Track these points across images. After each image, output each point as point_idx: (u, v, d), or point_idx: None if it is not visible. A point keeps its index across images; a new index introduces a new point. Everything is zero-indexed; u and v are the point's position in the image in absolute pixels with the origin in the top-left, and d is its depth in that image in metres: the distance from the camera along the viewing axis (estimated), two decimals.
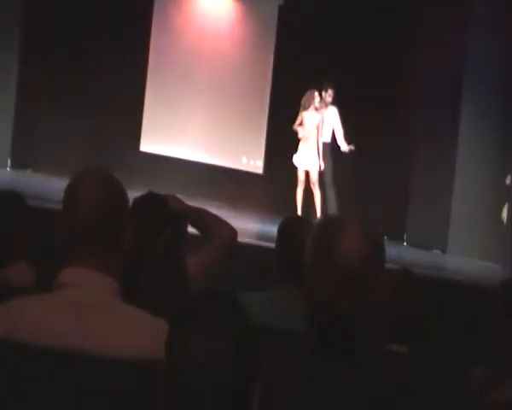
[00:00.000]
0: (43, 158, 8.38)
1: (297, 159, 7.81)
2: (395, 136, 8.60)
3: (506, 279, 1.54)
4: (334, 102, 7.88)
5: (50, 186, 6.45)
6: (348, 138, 8.18)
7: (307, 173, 7.76)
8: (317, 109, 7.73)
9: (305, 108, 7.72)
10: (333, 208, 7.65)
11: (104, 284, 1.39)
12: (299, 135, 7.78)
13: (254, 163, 9.51)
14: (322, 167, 7.75)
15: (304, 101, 7.73)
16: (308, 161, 7.72)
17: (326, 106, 7.81)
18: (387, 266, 1.33)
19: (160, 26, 9.42)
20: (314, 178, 7.71)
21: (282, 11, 9.39)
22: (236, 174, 9.38)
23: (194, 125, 9.43)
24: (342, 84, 8.25)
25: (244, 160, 9.53)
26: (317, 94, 7.73)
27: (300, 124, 7.80)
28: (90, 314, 1.35)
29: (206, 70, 9.46)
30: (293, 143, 7.88)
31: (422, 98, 8.27)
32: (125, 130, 9.06)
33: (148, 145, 9.42)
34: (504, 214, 6.80)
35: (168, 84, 9.41)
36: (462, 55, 7.42)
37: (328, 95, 7.76)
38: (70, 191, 1.44)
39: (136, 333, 1.36)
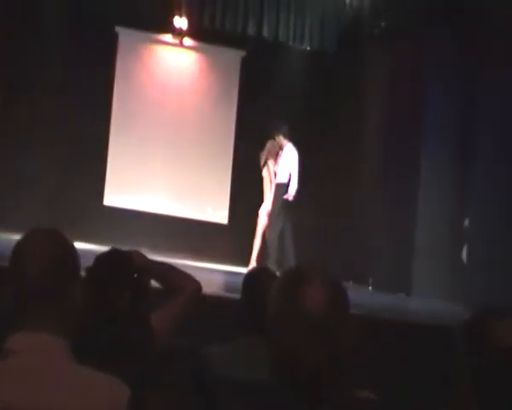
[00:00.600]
0: (7, 216, 8.22)
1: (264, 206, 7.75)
2: (359, 180, 8.77)
3: (468, 319, 1.57)
4: (291, 140, 7.61)
5: (10, 244, 6.29)
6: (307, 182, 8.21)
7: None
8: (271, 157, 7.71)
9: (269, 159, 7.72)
10: (291, 258, 7.24)
11: (55, 347, 1.36)
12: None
13: (220, 213, 9.54)
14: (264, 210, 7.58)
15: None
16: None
17: (281, 148, 7.56)
18: (353, 311, 1.36)
19: (123, 78, 9.49)
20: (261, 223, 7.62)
21: (245, 63, 9.58)
22: (202, 225, 9.37)
23: (159, 177, 9.44)
24: (302, 129, 8.42)
25: (209, 210, 9.55)
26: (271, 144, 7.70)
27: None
28: (41, 380, 1.31)
29: (169, 122, 9.53)
30: (258, 191, 7.94)
31: (383, 147, 8.47)
32: (87, 184, 9.00)
33: (111, 199, 9.37)
34: (464, 255, 6.94)
35: (131, 137, 9.43)
36: (421, 109, 7.66)
37: (282, 135, 7.66)
38: (15, 253, 1.43)
39: (90, 396, 1.32)
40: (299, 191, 7.43)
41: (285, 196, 7.37)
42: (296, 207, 7.71)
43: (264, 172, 7.69)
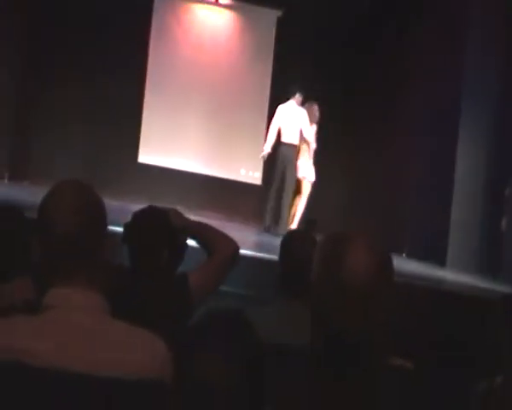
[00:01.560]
0: (41, 170, 8.37)
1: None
2: (394, 148, 8.63)
3: (508, 293, 1.53)
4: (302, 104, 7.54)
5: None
6: (341, 151, 8.09)
7: (299, 182, 7.63)
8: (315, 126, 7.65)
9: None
10: (285, 216, 7.35)
11: (91, 302, 1.35)
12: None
13: (253, 174, 9.52)
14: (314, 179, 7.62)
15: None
16: (303, 170, 7.60)
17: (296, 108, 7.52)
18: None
19: (159, 37, 9.45)
20: (307, 188, 7.57)
21: (281, 23, 9.43)
22: (235, 185, 9.39)
23: (193, 136, 9.44)
24: (336, 97, 8.29)
25: (243, 171, 9.54)
26: (316, 107, 7.62)
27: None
28: (80, 335, 1.31)
29: (204, 81, 9.48)
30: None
31: (419, 114, 8.29)
32: (123, 141, 9.07)
33: (146, 156, 9.42)
34: (503, 225, 6.80)
35: (166, 96, 9.43)
36: (462, 68, 7.45)
37: (296, 98, 7.60)
38: (45, 207, 1.39)
39: (130, 350, 1.32)
40: (332, 163, 7.40)
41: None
42: (331, 178, 7.66)
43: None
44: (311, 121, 7.52)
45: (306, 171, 7.54)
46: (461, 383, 1.84)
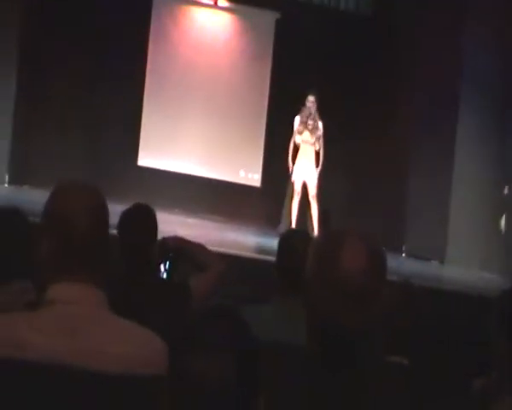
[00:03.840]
0: (41, 174, 8.37)
1: (296, 170, 7.72)
2: (393, 147, 8.64)
3: (506, 290, 1.54)
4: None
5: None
6: (341, 150, 8.12)
7: (304, 185, 7.67)
8: (310, 122, 7.66)
9: (303, 122, 7.65)
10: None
11: (94, 298, 1.38)
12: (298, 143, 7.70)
13: (252, 176, 9.53)
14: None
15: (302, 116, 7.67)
16: (307, 172, 7.64)
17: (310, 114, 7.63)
18: (388, 277, 1.34)
19: (157, 41, 9.47)
20: (313, 190, 7.62)
21: (279, 25, 9.45)
22: (234, 188, 9.39)
23: (192, 138, 9.45)
24: (336, 97, 8.29)
25: (242, 173, 9.55)
26: (310, 105, 7.63)
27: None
28: (83, 328, 1.33)
29: (203, 84, 9.49)
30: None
31: (419, 111, 8.30)
32: (122, 145, 9.07)
33: (145, 160, 9.43)
34: (502, 224, 6.82)
35: (165, 98, 9.44)
36: (461, 65, 7.47)
37: (310, 102, 7.64)
38: (56, 206, 1.42)
39: (130, 346, 1.34)
40: (331, 162, 7.45)
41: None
42: (328, 174, 7.67)
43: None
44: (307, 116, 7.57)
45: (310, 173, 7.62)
46: (458, 380, 1.85)
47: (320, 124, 7.65)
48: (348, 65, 9.01)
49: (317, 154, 7.66)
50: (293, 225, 7.37)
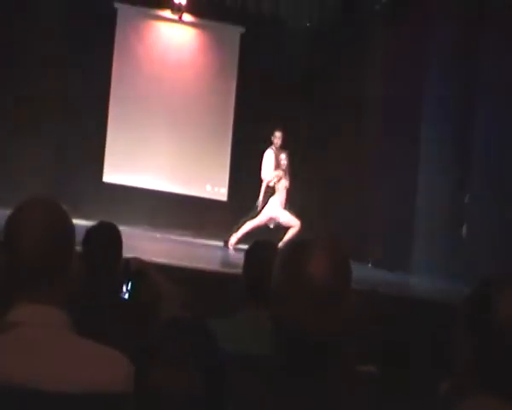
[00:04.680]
0: (3, 192, 8.21)
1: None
2: (358, 162, 8.75)
3: (466, 296, 1.57)
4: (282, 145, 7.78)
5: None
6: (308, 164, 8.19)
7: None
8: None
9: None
10: None
11: (56, 319, 1.35)
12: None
13: (219, 190, 9.53)
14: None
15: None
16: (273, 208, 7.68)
17: (276, 148, 7.75)
18: (354, 286, 1.36)
19: (122, 54, 9.43)
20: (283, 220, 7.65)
21: (244, 39, 9.51)
22: (201, 202, 9.37)
23: (158, 154, 9.41)
24: (303, 110, 8.37)
25: (208, 187, 9.54)
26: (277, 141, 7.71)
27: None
28: (43, 352, 1.31)
29: (168, 98, 9.48)
30: (257, 169, 7.93)
31: (384, 127, 8.44)
32: (87, 161, 8.98)
33: (111, 176, 9.35)
34: (464, 232, 6.96)
35: (130, 114, 9.39)
36: (421, 83, 7.62)
37: (277, 137, 7.77)
38: (11, 223, 1.37)
39: (92, 368, 1.32)
40: (299, 176, 7.56)
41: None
42: (295, 185, 7.72)
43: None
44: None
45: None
46: (425, 385, 1.88)
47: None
48: (314, 76, 9.10)
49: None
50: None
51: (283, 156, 7.56)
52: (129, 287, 2.39)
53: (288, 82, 9.03)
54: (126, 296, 2.41)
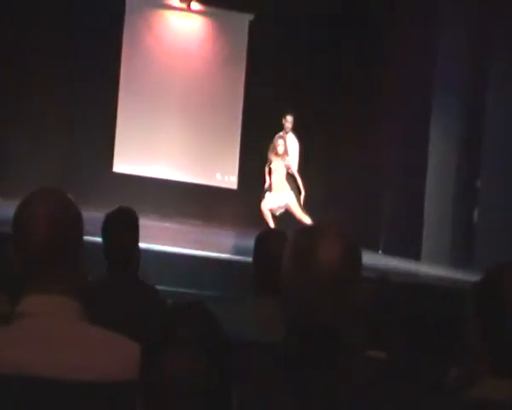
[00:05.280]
0: (14, 185, 8.25)
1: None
2: (367, 149, 8.71)
3: (477, 281, 1.57)
4: (293, 129, 7.69)
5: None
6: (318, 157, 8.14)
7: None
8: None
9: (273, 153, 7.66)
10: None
11: (67, 309, 1.35)
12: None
13: (229, 179, 9.54)
14: (303, 193, 7.58)
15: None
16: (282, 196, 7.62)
17: (286, 132, 7.67)
18: (364, 273, 1.36)
19: (131, 45, 9.43)
20: (295, 208, 7.59)
21: (253, 26, 9.48)
22: (211, 191, 9.39)
23: (167, 143, 9.43)
24: (310, 99, 8.34)
25: (218, 176, 9.55)
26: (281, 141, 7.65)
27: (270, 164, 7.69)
28: (55, 342, 1.31)
29: (177, 88, 9.48)
30: (266, 157, 7.91)
31: (392, 113, 8.39)
32: (97, 151, 9.01)
33: (121, 165, 9.38)
34: (475, 217, 6.92)
35: (140, 103, 9.41)
36: (433, 67, 7.56)
37: (289, 121, 7.70)
38: (20, 215, 1.38)
39: (106, 354, 1.33)
40: (307, 163, 7.49)
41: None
42: (306, 179, 7.71)
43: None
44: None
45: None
46: (435, 371, 1.88)
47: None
48: (323, 64, 9.06)
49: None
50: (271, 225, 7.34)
51: (281, 142, 7.49)
52: None
53: (298, 71, 9.00)
54: None
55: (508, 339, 1.37)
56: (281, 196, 7.52)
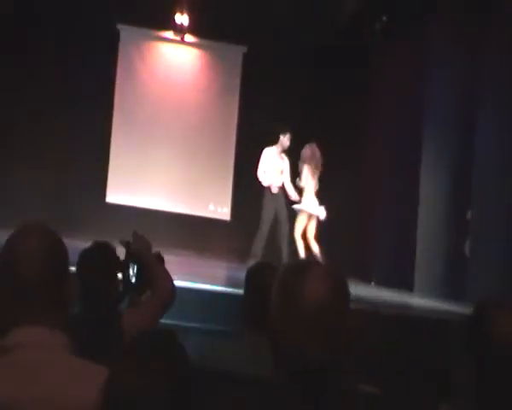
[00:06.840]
0: (6, 213, 8.24)
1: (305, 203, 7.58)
2: (359, 178, 8.77)
3: (469, 316, 1.57)
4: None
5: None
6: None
7: (309, 218, 7.57)
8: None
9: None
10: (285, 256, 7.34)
11: (54, 341, 1.38)
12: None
13: (222, 210, 9.55)
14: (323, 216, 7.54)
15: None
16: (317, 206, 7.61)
17: (284, 151, 7.70)
18: (356, 306, 1.36)
19: (125, 76, 9.51)
20: (314, 225, 7.59)
21: (246, 58, 9.58)
22: (204, 221, 9.38)
23: (161, 173, 9.45)
24: (304, 132, 8.38)
25: (211, 207, 9.56)
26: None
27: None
28: (42, 373, 1.32)
29: (171, 119, 9.54)
30: (260, 188, 7.94)
31: (385, 147, 8.46)
32: (90, 181, 9.02)
33: (114, 196, 9.38)
34: (467, 248, 6.93)
35: (133, 134, 9.45)
36: (422, 100, 7.65)
37: (287, 138, 7.73)
38: (9, 248, 1.42)
39: (85, 387, 1.33)
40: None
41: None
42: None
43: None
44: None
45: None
46: (426, 405, 1.87)
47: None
48: (316, 94, 9.13)
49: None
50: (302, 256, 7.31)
51: (282, 162, 7.56)
52: (135, 270, 2.40)
53: (292, 101, 9.07)
54: (133, 280, 2.41)
55: (495, 380, 1.37)
56: (316, 203, 7.54)
